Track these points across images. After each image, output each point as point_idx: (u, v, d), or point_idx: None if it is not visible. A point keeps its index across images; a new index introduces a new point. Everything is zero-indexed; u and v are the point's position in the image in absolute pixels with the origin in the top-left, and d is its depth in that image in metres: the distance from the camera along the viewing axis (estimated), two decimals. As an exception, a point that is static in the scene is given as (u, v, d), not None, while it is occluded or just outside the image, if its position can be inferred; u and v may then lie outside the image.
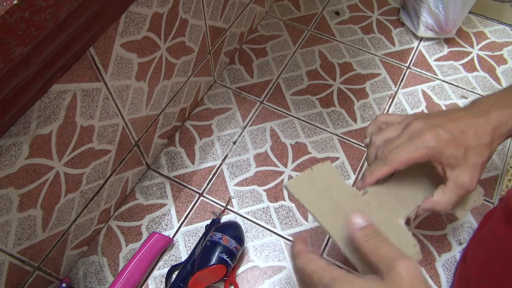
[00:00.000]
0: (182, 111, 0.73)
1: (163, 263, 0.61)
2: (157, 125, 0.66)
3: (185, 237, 0.64)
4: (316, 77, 0.81)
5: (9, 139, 0.39)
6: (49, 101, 0.42)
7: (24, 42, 0.32)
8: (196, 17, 0.63)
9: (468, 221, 0.65)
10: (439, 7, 0.82)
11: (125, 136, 0.59)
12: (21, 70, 0.34)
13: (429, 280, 0.60)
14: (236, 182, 0.69)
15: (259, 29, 0.89)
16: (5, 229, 0.44)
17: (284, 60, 0.84)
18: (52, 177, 0.47)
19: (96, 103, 0.49)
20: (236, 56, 0.84)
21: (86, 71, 0.46)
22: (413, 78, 0.82)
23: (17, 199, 0.44)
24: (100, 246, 0.63)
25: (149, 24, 0.52)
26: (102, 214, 0.62)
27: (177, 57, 0.63)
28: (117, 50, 0.49)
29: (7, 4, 0.29)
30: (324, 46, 0.86)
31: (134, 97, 0.56)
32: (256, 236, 0.63)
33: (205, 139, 0.73)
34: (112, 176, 0.60)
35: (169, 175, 0.69)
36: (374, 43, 0.87)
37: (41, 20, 0.32)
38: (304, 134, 0.74)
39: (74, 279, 0.60)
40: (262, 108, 0.77)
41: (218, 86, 0.80)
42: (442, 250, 0.62)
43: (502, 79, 0.82)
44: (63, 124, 0.46)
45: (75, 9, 0.35)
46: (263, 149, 0.72)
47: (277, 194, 0.67)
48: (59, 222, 0.52)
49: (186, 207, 0.66)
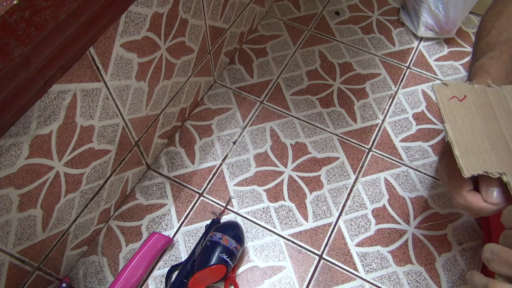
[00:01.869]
0: (182, 111, 0.73)
1: (163, 263, 0.61)
2: (157, 125, 0.66)
3: (185, 237, 0.64)
4: (316, 77, 0.81)
5: (9, 139, 0.39)
6: (49, 101, 0.42)
7: (24, 42, 0.32)
8: (196, 17, 0.63)
9: (468, 221, 0.65)
10: (439, 7, 0.82)
11: (125, 136, 0.59)
12: (21, 70, 0.34)
13: (429, 280, 0.60)
14: (236, 182, 0.69)
15: (259, 29, 0.89)
16: (5, 229, 0.44)
17: (284, 60, 0.84)
18: (52, 177, 0.47)
19: (96, 103, 0.49)
20: (236, 56, 0.84)
21: (86, 71, 0.46)
22: (413, 78, 0.82)
23: (17, 199, 0.43)
24: (100, 246, 0.63)
25: (149, 24, 0.52)
26: (102, 214, 0.62)
27: (177, 57, 0.63)
28: (117, 50, 0.49)
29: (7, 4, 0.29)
30: (324, 46, 0.86)
31: (134, 97, 0.56)
32: (256, 236, 0.63)
33: (205, 139, 0.73)
34: (112, 176, 0.60)
35: (169, 175, 0.69)
36: (374, 43, 0.87)
37: (41, 20, 0.32)
38: (304, 134, 0.74)
39: (74, 279, 0.60)
40: (262, 108, 0.77)
41: (218, 86, 0.80)
42: (442, 250, 0.62)
43: (502, 79, 0.82)
44: (63, 124, 0.45)
45: (75, 9, 0.35)
46: (263, 149, 0.72)
47: (277, 194, 0.67)
48: (59, 222, 0.52)
49: (186, 207, 0.66)
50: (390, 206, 0.66)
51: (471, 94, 0.44)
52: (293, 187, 0.68)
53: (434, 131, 0.75)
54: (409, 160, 0.71)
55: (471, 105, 0.43)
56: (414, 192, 0.68)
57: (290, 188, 0.68)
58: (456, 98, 0.43)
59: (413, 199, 0.67)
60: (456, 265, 0.61)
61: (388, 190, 0.68)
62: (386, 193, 0.68)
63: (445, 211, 0.66)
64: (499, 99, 0.44)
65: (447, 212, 0.66)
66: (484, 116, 0.43)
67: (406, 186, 0.68)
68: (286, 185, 0.68)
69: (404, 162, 0.71)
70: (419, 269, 0.61)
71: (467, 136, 0.41)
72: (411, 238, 0.63)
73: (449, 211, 0.66)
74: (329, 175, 0.69)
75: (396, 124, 0.75)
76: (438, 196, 0.67)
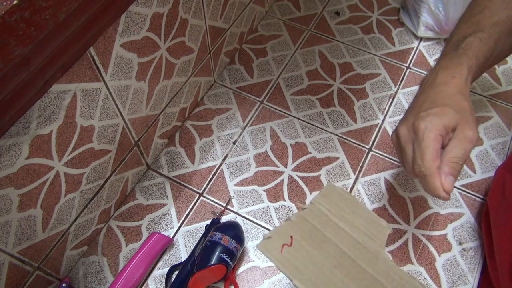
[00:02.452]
0: (182, 111, 0.73)
1: (163, 263, 0.61)
2: (157, 125, 0.66)
3: (185, 237, 0.64)
4: (316, 77, 0.81)
5: (9, 139, 0.39)
6: (49, 101, 0.42)
7: (24, 42, 0.32)
8: (196, 17, 0.63)
9: (468, 221, 0.65)
10: (439, 7, 0.82)
11: (125, 136, 0.59)
12: (21, 70, 0.34)
13: (429, 280, 0.60)
14: (236, 182, 0.69)
15: (259, 29, 0.89)
16: (5, 229, 0.44)
17: (284, 60, 0.84)
18: (52, 177, 0.47)
19: (96, 103, 0.49)
20: (236, 56, 0.84)
21: (86, 71, 0.46)
22: (413, 78, 0.82)
23: (17, 199, 0.43)
24: (100, 246, 0.63)
25: (149, 24, 0.52)
26: (102, 214, 0.62)
27: (177, 57, 0.63)
28: (117, 50, 0.49)
29: (7, 4, 0.29)
30: (324, 46, 0.86)
31: (134, 97, 0.56)
32: (256, 236, 0.63)
33: (205, 139, 0.73)
34: (112, 176, 0.60)
35: (169, 175, 0.69)
36: (374, 43, 0.87)
37: (41, 20, 0.32)
38: (304, 134, 0.74)
39: (74, 279, 0.60)
40: (262, 108, 0.77)
41: (218, 86, 0.80)
42: (442, 250, 0.62)
43: (502, 79, 0.82)
44: (63, 124, 0.46)
45: (75, 9, 0.35)
46: (263, 149, 0.72)
47: (277, 194, 0.67)
48: (59, 222, 0.52)
49: (186, 207, 0.66)
50: (390, 206, 0.66)
51: (294, 231, 0.43)
52: (293, 187, 0.68)
53: (434, 131, 0.75)
54: (409, 160, 0.71)
55: (301, 243, 0.42)
56: (414, 192, 0.68)
57: (290, 188, 0.68)
58: (286, 245, 0.42)
59: (413, 199, 0.67)
60: (456, 265, 0.61)
61: (388, 190, 0.68)
62: (386, 193, 0.68)
63: (445, 211, 0.66)
64: (317, 216, 0.44)
65: (448, 212, 0.66)
66: (317, 244, 0.42)
67: (406, 186, 0.68)
68: (286, 185, 0.68)
69: (404, 162, 0.71)
70: (419, 269, 0.61)
71: (318, 279, 0.40)
72: (411, 238, 0.63)
73: (449, 211, 0.66)
74: (329, 175, 0.69)
75: (396, 124, 0.75)
76: (438, 196, 0.67)
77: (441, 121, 0.43)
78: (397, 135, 0.48)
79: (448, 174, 0.42)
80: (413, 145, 0.45)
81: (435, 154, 0.42)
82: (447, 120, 0.43)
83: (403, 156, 0.47)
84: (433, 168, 0.42)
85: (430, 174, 0.42)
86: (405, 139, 0.46)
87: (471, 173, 0.70)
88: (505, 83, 0.81)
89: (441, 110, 0.44)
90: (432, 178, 0.42)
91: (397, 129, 0.48)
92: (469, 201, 0.67)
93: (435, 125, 0.43)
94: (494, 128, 0.75)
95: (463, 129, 0.43)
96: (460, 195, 0.67)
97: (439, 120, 0.43)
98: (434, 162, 0.42)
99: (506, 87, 0.81)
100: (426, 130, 0.43)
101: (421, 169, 0.43)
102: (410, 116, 0.46)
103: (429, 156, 0.42)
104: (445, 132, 0.43)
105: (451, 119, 0.43)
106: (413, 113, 0.46)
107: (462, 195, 0.67)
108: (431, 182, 0.42)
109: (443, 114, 0.44)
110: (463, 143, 0.43)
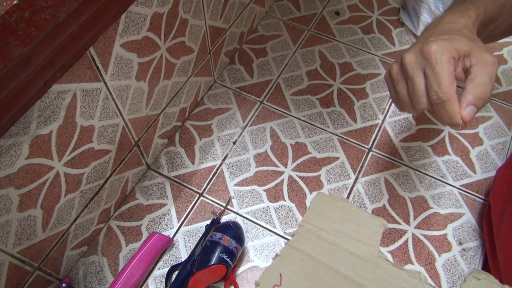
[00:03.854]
0: (182, 111, 0.73)
1: (163, 263, 0.61)
2: (157, 125, 0.66)
3: (185, 237, 0.64)
4: (316, 77, 0.81)
5: (9, 139, 0.39)
6: (49, 101, 0.42)
7: (24, 42, 0.32)
8: (196, 17, 0.63)
9: (468, 221, 0.65)
10: (439, 7, 0.82)
11: (125, 136, 0.59)
12: (21, 70, 0.34)
13: (428, 280, 0.60)
14: (236, 182, 0.69)
15: (259, 29, 0.89)
16: (5, 229, 0.44)
17: (284, 60, 0.84)
18: (52, 177, 0.47)
19: (96, 103, 0.49)
20: (236, 56, 0.84)
21: (86, 71, 0.46)
22: (413, 78, 0.82)
23: (17, 199, 0.44)
24: (100, 246, 0.63)
25: (149, 24, 0.52)
26: (102, 214, 0.62)
27: (177, 57, 0.63)
28: (117, 50, 0.49)
29: (7, 4, 0.29)
30: (324, 46, 0.86)
31: (134, 97, 0.56)
32: (256, 236, 0.63)
33: (205, 139, 0.73)
34: (112, 176, 0.60)
35: (169, 175, 0.69)
36: (374, 43, 0.87)
37: (41, 20, 0.32)
38: (304, 134, 0.74)
39: (74, 279, 0.60)
40: (262, 108, 0.77)
41: (218, 86, 0.80)
42: (442, 250, 0.62)
43: (502, 79, 0.82)
44: (63, 124, 0.46)
45: (75, 9, 0.35)
46: (263, 149, 0.72)
47: (277, 194, 0.67)
48: (59, 222, 0.52)
49: (186, 207, 0.66)
50: (390, 206, 0.66)
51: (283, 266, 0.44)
52: (293, 187, 0.68)
53: (434, 131, 0.75)
54: (409, 160, 0.71)
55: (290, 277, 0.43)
56: (414, 192, 0.68)
57: (290, 188, 0.68)
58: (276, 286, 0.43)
59: (413, 199, 0.67)
60: (456, 265, 0.61)
61: (388, 190, 0.68)
62: (386, 193, 0.68)
63: (445, 211, 0.66)
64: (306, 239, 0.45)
65: (448, 212, 0.66)
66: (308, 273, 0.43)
67: (406, 186, 0.68)
68: (286, 185, 0.68)
69: (404, 162, 0.71)
70: (419, 269, 0.61)
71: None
72: (411, 238, 0.63)
73: (449, 211, 0.66)
74: (329, 175, 0.69)
75: (396, 124, 0.75)
76: (438, 196, 0.67)
77: (451, 44, 0.40)
78: (401, 65, 0.43)
79: (471, 104, 0.38)
80: (423, 72, 0.40)
81: (452, 77, 0.39)
82: (458, 44, 0.40)
83: (410, 87, 0.42)
84: (452, 92, 0.38)
85: (449, 99, 0.38)
86: (413, 66, 0.41)
87: (471, 173, 0.70)
88: (505, 83, 0.81)
89: (451, 37, 0.41)
90: (451, 104, 0.38)
91: (401, 58, 0.43)
92: (469, 201, 0.67)
93: (446, 47, 0.39)
94: (494, 128, 0.75)
95: (480, 53, 0.40)
96: (460, 195, 0.67)
97: (449, 44, 0.40)
98: (452, 86, 0.38)
99: (506, 87, 0.81)
100: (438, 52, 0.39)
101: (439, 95, 0.38)
102: (416, 45, 0.42)
103: (445, 79, 0.38)
104: (457, 55, 0.40)
105: (463, 44, 0.40)
106: (419, 42, 0.42)
107: (462, 195, 0.67)
108: (449, 109, 0.38)
109: (453, 39, 0.40)
110: (485, 67, 0.39)
